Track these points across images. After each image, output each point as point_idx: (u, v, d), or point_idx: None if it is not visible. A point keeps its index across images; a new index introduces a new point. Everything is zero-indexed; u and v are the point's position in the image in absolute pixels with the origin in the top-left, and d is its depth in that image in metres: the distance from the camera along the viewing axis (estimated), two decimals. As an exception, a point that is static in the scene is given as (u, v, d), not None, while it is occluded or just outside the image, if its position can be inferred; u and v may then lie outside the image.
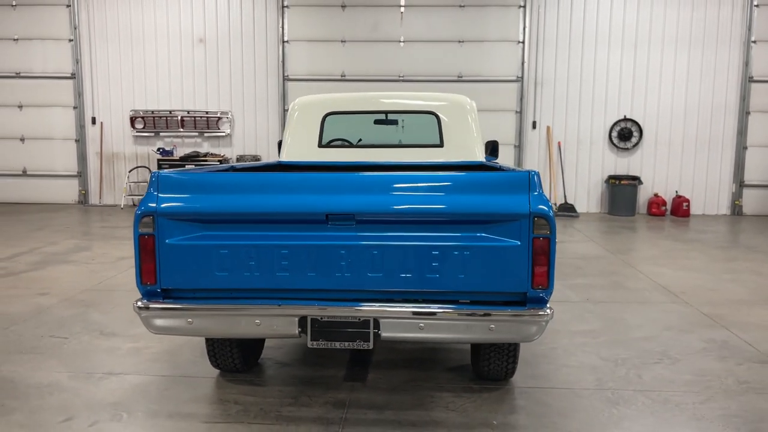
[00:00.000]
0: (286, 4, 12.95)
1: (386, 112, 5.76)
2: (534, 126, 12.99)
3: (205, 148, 13.48)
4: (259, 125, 13.35)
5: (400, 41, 12.87)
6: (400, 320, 3.01)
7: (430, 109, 5.59)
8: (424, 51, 12.86)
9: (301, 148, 5.64)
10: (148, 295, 3.10)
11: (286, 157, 5.66)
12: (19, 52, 13.49)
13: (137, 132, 13.42)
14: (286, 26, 13.00)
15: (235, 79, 13.22)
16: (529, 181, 2.97)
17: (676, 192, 12.84)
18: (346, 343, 3.07)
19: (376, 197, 2.97)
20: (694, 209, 12.92)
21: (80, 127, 13.58)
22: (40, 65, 13.49)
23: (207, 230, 3.05)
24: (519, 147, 13.03)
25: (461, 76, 12.89)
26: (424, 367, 4.31)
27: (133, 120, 13.38)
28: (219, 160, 12.90)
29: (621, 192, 12.59)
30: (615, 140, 12.87)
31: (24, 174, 13.76)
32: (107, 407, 3.65)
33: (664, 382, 4.06)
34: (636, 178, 12.61)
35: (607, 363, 4.40)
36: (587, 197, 13.12)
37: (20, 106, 13.63)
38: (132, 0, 13.15)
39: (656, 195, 12.78)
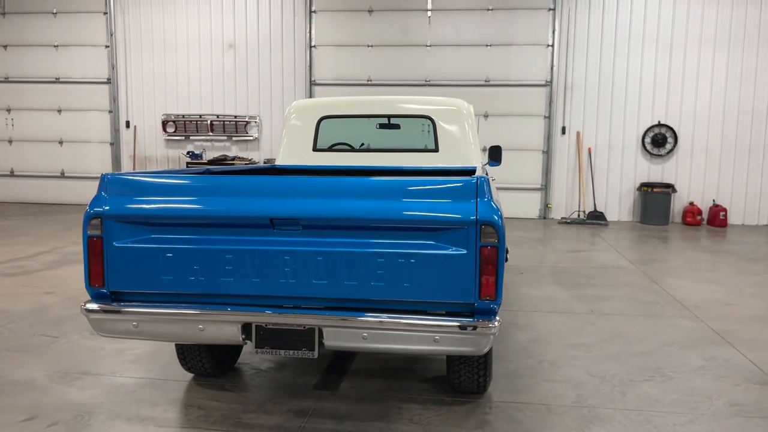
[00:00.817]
0: (314, 9, 13.01)
1: (382, 116, 5.68)
2: (563, 131, 12.66)
3: (233, 151, 13.66)
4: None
5: (426, 45, 12.76)
6: (343, 329, 2.92)
7: (426, 113, 5.49)
8: (450, 55, 12.71)
9: (296, 151, 5.62)
10: (97, 297, 3.09)
11: (281, 160, 5.65)
12: (59, 58, 13.97)
13: (168, 135, 13.71)
14: (313, 31, 13.06)
15: (263, 84, 13.36)
16: (476, 188, 2.84)
17: (713, 201, 12.30)
18: (291, 352, 3.00)
19: (320, 202, 2.89)
20: (733, 219, 12.35)
21: (115, 131, 13.96)
22: (78, 71, 13.93)
23: (154, 233, 3.03)
24: (547, 153, 12.73)
25: (488, 81, 12.68)
26: (400, 376, 4.20)
27: (164, 124, 13.67)
28: (246, 164, 13.04)
29: (654, 200, 12.14)
30: (648, 146, 12.43)
31: (62, 176, 14.22)
32: (72, 408, 3.67)
33: (649, 401, 3.84)
34: (670, 186, 12.14)
35: (594, 379, 4.20)
36: (618, 205, 12.70)
37: (59, 110, 14.10)
38: (165, 7, 13.45)
39: (691, 203, 12.27)
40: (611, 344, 4.92)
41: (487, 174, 5.22)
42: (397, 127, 5.86)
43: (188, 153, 13.44)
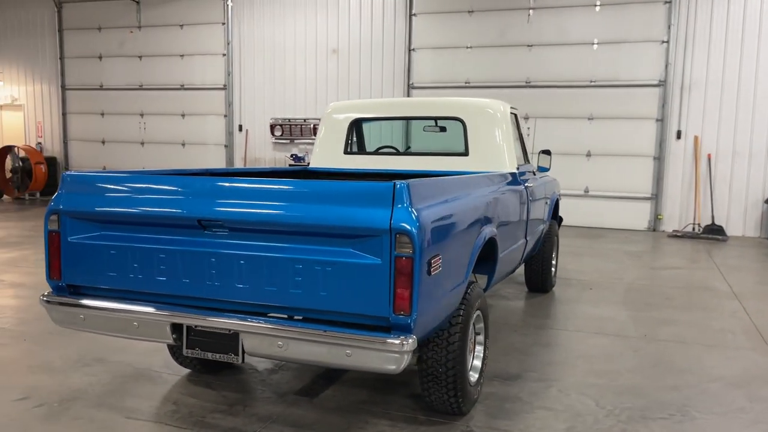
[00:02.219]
0: (414, 12, 12.97)
1: (412, 119, 5.50)
2: (678, 136, 11.54)
3: (334, 154, 13.96)
4: (384, 132, 13.49)
5: (528, 45, 12.23)
6: (259, 336, 2.83)
7: (456, 114, 5.22)
8: (553, 55, 12.08)
9: (328, 154, 5.60)
10: (57, 290, 3.26)
11: (313, 163, 5.66)
12: (184, 67, 15.13)
13: (276, 139, 14.33)
14: (413, 34, 13.02)
15: (363, 88, 13.54)
16: (393, 194, 2.62)
17: None
18: (218, 355, 2.96)
19: (241, 205, 2.83)
20: None
21: (229, 134, 14.85)
22: (199, 78, 15.00)
23: (103, 230, 3.13)
24: (659, 159, 11.66)
25: (594, 81, 11.88)
26: (389, 389, 4.01)
27: (272, 127, 14.31)
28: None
29: (784, 214, 10.70)
30: (780, 153, 10.98)
31: (184, 175, 15.39)
32: (65, 392, 3.89)
33: (649, 444, 3.35)
34: (805, 198, 10.64)
35: (600, 411, 3.74)
36: (743, 219, 11.33)
37: (183, 115, 15.27)
38: (275, 16, 14.09)
39: (833, 219, 10.66)
40: (644, 374, 4.36)
41: (522, 181, 4.88)
42: (443, 129, 5.65)
43: (292, 155, 13.96)
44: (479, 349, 3.85)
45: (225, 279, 2.88)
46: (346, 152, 5.55)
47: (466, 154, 5.17)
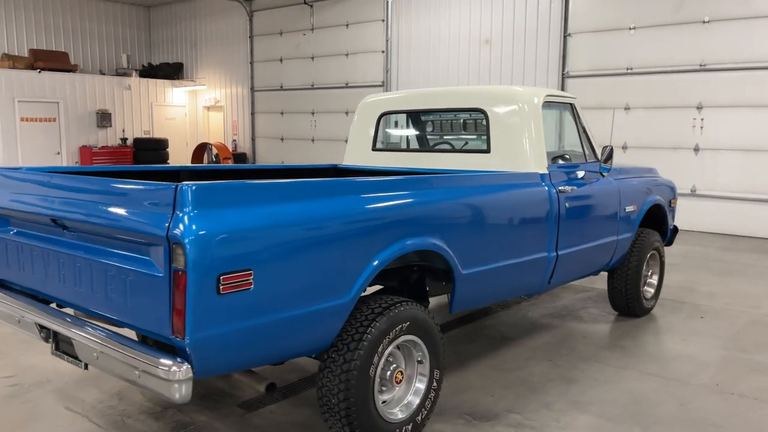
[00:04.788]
0: (571, -7, 11.78)
1: (437, 111, 4.93)
2: None
3: (485, 150, 13.32)
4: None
5: (703, 21, 10.36)
6: (80, 344, 2.67)
7: (478, 105, 4.55)
8: (734, 30, 10.06)
9: (358, 151, 5.27)
10: None
11: (345, 160, 5.36)
12: (348, 65, 15.61)
13: (429, 134, 14.09)
14: (569, 17, 11.83)
15: (515, 80, 12.68)
16: (174, 197, 2.27)
17: None
18: (74, 359, 2.87)
19: (63, 203, 2.73)
20: None
21: (386, 130, 14.98)
22: (360, 76, 15.37)
23: (4, 225, 3.24)
24: None
25: (788, 60, 9.66)
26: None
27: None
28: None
29: None
30: None
31: (347, 171, 15.93)
32: (47, 375, 4.16)
33: None
34: None
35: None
36: None
37: (346, 113, 15.77)
38: (431, 9, 13.83)
39: None
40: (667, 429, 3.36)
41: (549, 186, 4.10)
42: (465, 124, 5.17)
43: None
44: (420, 382, 3.28)
45: (61, 279, 2.80)
46: (374, 149, 5.16)
47: (487, 151, 4.47)
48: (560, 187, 4.28)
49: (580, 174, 4.64)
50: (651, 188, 5.53)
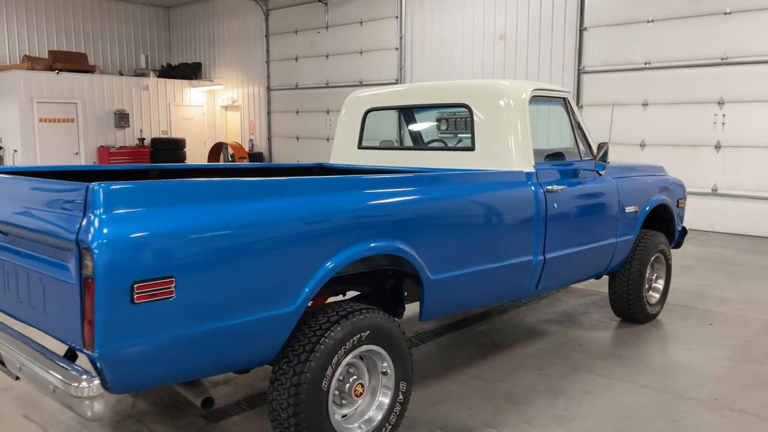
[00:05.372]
0: (587, -14, 11.41)
1: (421, 107, 4.71)
2: None
3: (500, 148, 13.01)
4: (552, 127, 12.14)
5: (725, 12, 9.91)
6: (5, 354, 2.51)
7: (462, 100, 4.32)
8: (757, 21, 9.61)
9: (343, 149, 5.07)
10: None
11: (331, 158, 5.17)
12: (362, 63, 15.42)
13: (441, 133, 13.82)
14: (585, 10, 11.46)
15: (530, 76, 12.35)
16: (86, 198, 2.09)
17: None
18: (5, 369, 2.72)
19: None
20: None
21: (400, 129, 14.74)
22: (375, 74, 15.16)
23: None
24: None
25: (815, 52, 9.19)
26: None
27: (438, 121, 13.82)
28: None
29: None
30: None
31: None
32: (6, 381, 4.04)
33: None
34: None
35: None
36: None
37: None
38: (445, 5, 13.57)
39: None
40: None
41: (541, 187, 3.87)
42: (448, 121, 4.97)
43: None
44: (384, 396, 3.07)
45: None
46: (359, 146, 4.96)
47: (472, 148, 4.24)
48: (548, 187, 4.03)
49: (573, 172, 4.38)
50: (656, 187, 5.23)
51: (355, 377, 2.98)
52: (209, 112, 20.19)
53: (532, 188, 3.92)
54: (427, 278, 3.21)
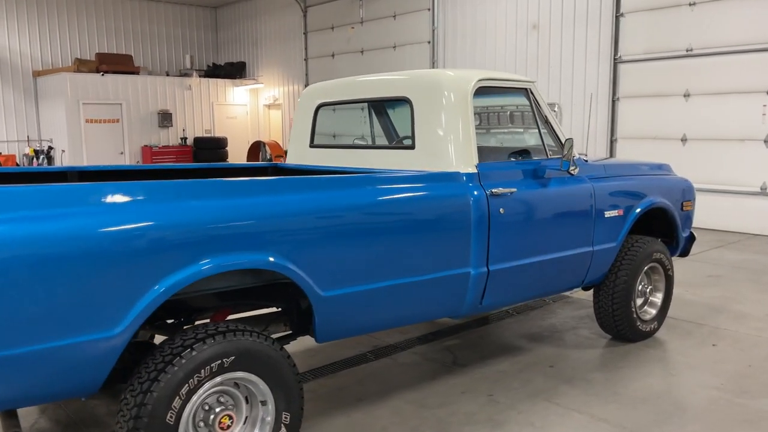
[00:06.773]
0: (624, -32, 10.59)
1: (365, 101, 4.29)
2: None
3: (534, 144, 12.34)
4: (587, 119, 11.40)
5: (775, -8, 8.93)
6: None
7: (403, 93, 3.89)
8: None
9: (297, 147, 4.74)
10: None
11: (287, 157, 4.84)
12: (395, 57, 15.00)
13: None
14: (622, -4, 10.66)
15: (564, 67, 11.62)
16: None
17: None
18: None
19: None
20: None
21: (433, 125, 14.26)
22: (408, 68, 14.69)
23: None
24: None
25: None
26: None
27: (472, 116, 13.27)
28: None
29: None
30: None
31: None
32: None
33: None
34: None
35: None
36: None
37: (394, 107, 15.18)
38: (477, -5, 13.01)
39: None
40: None
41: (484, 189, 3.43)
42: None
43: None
44: (262, 429, 2.72)
45: None
46: (311, 145, 4.60)
47: (412, 147, 3.80)
48: (494, 189, 3.55)
49: (533, 173, 3.87)
50: (651, 189, 4.62)
51: (222, 407, 2.64)
52: (252, 110, 20.30)
53: (470, 191, 3.45)
54: (316, 295, 2.82)
